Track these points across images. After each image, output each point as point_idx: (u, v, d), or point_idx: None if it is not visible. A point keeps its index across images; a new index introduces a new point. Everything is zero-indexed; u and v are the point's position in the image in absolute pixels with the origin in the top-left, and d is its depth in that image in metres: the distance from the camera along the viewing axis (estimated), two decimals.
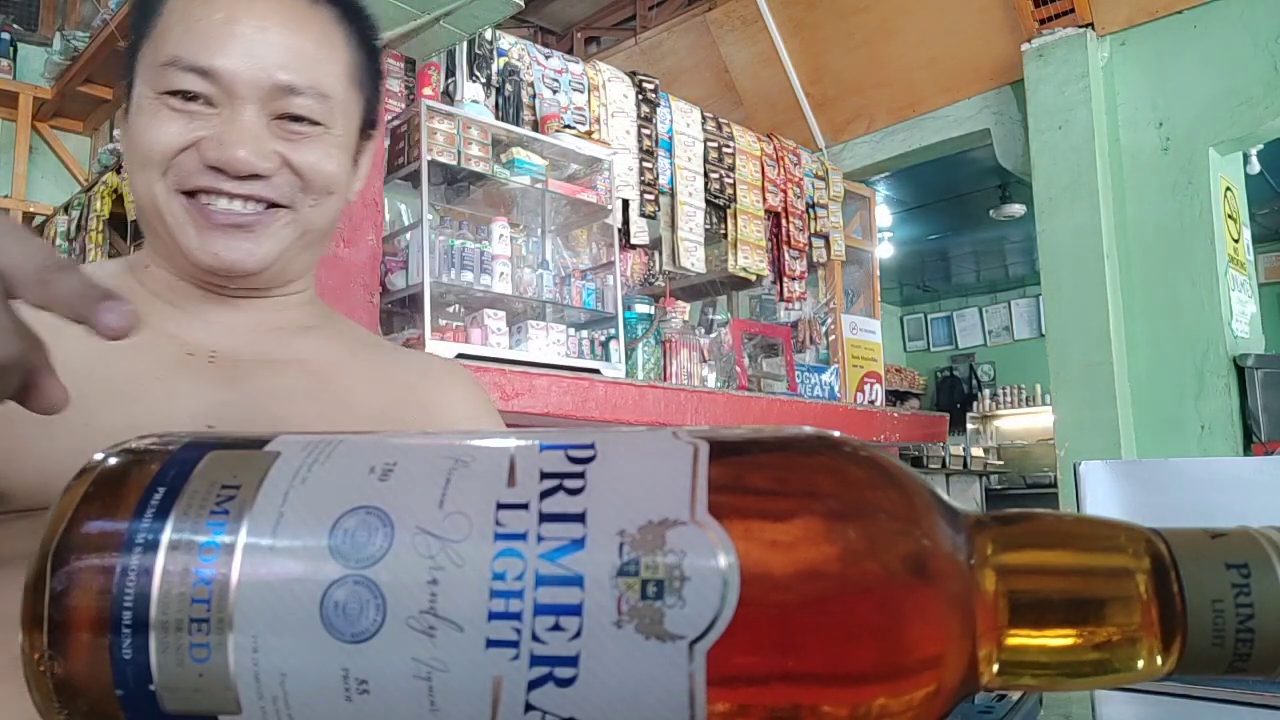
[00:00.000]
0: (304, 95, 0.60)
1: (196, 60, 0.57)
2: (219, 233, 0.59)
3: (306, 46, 0.60)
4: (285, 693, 0.24)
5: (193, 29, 0.58)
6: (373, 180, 2.70)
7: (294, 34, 0.60)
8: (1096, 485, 0.95)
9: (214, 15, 0.58)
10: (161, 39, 0.59)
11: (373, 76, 0.68)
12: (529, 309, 3.21)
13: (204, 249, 0.59)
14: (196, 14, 0.58)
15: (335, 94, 0.62)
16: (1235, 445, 3.56)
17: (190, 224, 0.59)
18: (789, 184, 4.28)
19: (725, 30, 4.91)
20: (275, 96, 0.59)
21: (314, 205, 0.62)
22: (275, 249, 0.61)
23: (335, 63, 0.62)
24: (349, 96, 0.64)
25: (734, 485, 0.25)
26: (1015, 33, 4.14)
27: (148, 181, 0.59)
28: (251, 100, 0.58)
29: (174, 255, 0.62)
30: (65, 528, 0.26)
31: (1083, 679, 0.25)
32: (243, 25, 0.58)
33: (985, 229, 7.91)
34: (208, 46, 0.57)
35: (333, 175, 0.62)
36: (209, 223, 0.59)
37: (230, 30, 0.58)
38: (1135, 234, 3.86)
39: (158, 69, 0.58)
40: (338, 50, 0.62)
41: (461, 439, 0.28)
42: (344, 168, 0.64)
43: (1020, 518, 0.27)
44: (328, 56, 0.61)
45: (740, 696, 0.23)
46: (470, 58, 3.16)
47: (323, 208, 0.63)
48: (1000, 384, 9.38)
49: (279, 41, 0.59)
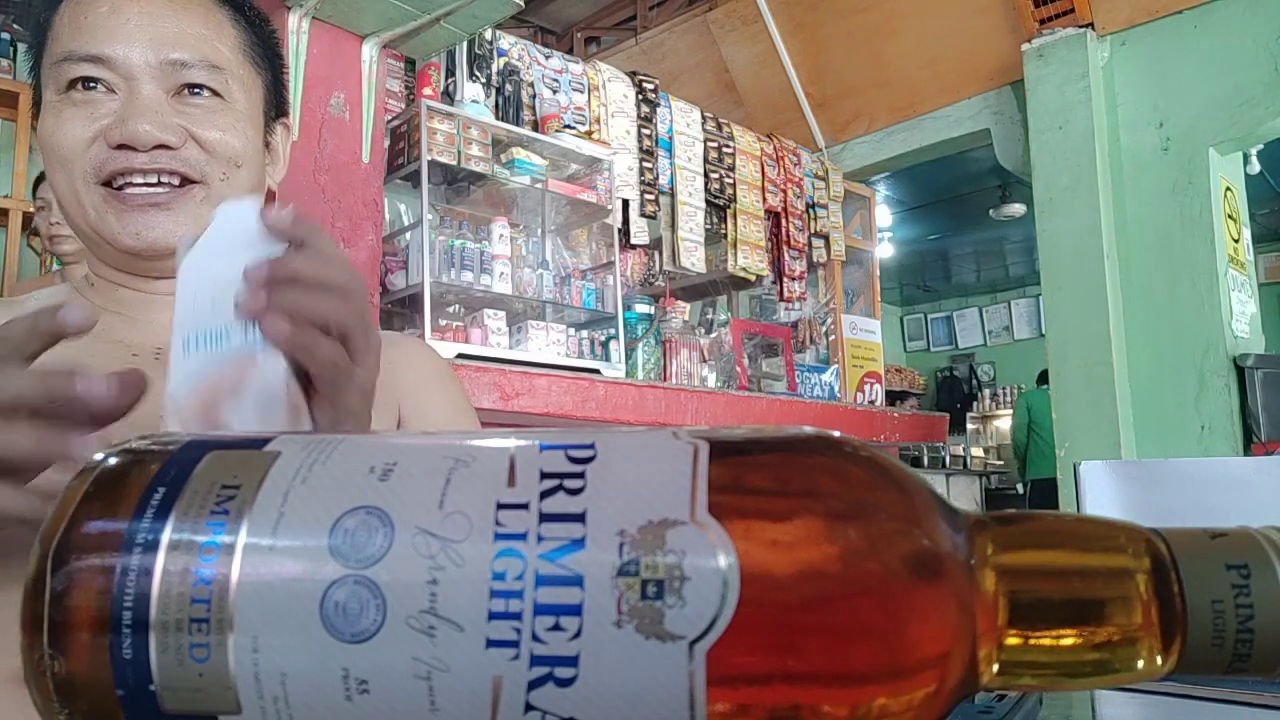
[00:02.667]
0: (195, 68, 0.63)
1: (88, 50, 0.61)
2: (137, 213, 0.62)
3: (193, 25, 0.63)
4: (285, 692, 0.24)
5: (81, 26, 0.61)
6: (372, 180, 2.70)
7: (179, 16, 0.63)
8: (1096, 485, 0.95)
9: (99, 9, 0.62)
10: (55, 42, 0.62)
11: (269, 57, 0.71)
12: (529, 309, 3.21)
13: (125, 231, 0.62)
14: (82, 13, 0.62)
15: (228, 65, 0.65)
16: (1235, 445, 3.56)
17: (110, 211, 0.62)
18: (789, 184, 4.28)
19: (725, 30, 4.91)
20: (169, 73, 0.62)
21: (224, 179, 0.65)
22: (194, 224, 0.63)
23: (223, 38, 0.65)
24: (245, 71, 0.67)
25: (734, 485, 0.25)
26: (1015, 33, 4.14)
27: (68, 180, 0.62)
28: (147, 79, 0.62)
29: (103, 250, 0.65)
30: (65, 527, 0.26)
31: (1083, 679, 0.25)
32: (128, 14, 0.61)
33: (985, 229, 7.91)
34: (96, 37, 0.61)
35: (239, 148, 0.65)
36: (127, 205, 0.62)
37: (117, 20, 0.61)
38: (1135, 234, 3.86)
39: (54, 68, 0.62)
40: (224, 27, 0.66)
41: (461, 439, 0.28)
42: (252, 143, 0.67)
43: (1020, 518, 0.27)
44: (215, 34, 0.65)
45: (740, 696, 0.23)
46: (470, 58, 3.16)
47: (233, 182, 0.65)
48: (1000, 384, 9.39)
49: (165, 25, 0.62)
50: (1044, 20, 4.01)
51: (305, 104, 2.49)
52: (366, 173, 2.67)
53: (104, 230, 0.62)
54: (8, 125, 3.96)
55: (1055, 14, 3.98)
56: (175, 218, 0.62)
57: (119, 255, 0.64)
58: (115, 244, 0.63)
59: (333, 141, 2.56)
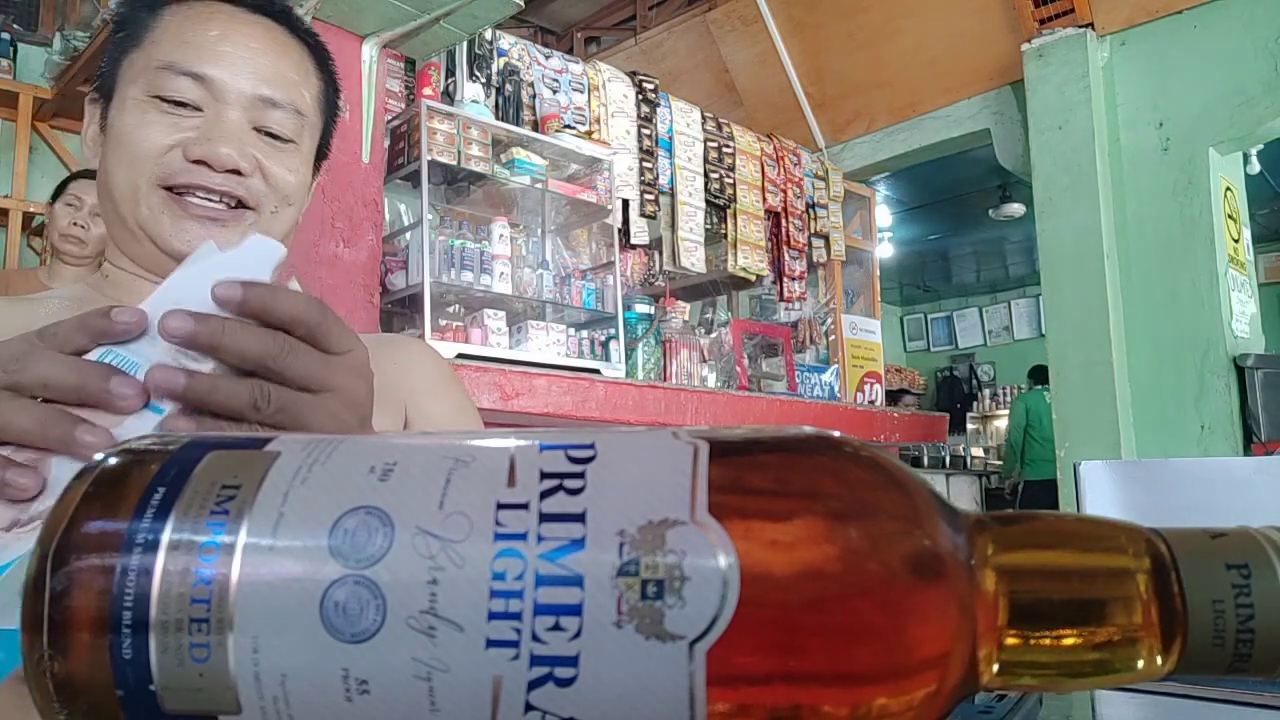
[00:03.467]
0: (282, 109, 0.67)
1: (191, 67, 0.63)
2: (194, 222, 0.64)
3: (287, 70, 0.68)
4: (285, 693, 0.24)
5: (189, 41, 0.64)
6: (372, 180, 2.70)
7: (278, 58, 0.67)
8: (1096, 485, 0.95)
9: (209, 32, 0.65)
10: (154, 47, 0.65)
11: (332, 109, 0.76)
12: (529, 309, 3.21)
13: (177, 235, 0.64)
14: (191, 29, 0.65)
15: (308, 113, 0.70)
16: (1235, 445, 3.56)
17: (166, 214, 0.64)
18: (789, 184, 4.28)
19: (725, 30, 4.91)
20: (257, 107, 0.66)
21: (274, 213, 0.68)
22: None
23: (309, 87, 0.70)
24: (316, 120, 0.72)
25: (734, 485, 0.25)
26: (1015, 33, 4.14)
27: (131, 177, 0.64)
28: (236, 106, 0.65)
29: (141, 247, 0.66)
30: (65, 527, 0.26)
31: (1083, 679, 0.25)
32: (234, 44, 0.65)
33: (985, 229, 7.91)
34: (202, 57, 0.64)
35: (296, 187, 0.70)
36: (185, 213, 0.64)
37: (225, 46, 0.65)
38: (1135, 234, 3.86)
39: (152, 71, 0.64)
40: (310, 77, 0.71)
41: (461, 439, 0.28)
42: (304, 183, 0.71)
43: (1020, 518, 0.27)
44: (303, 81, 0.69)
45: (740, 696, 0.23)
46: (470, 58, 3.16)
47: (281, 217, 0.69)
48: (1000, 384, 9.39)
49: (265, 62, 0.66)
50: (1044, 20, 4.01)
51: None
52: (366, 173, 2.68)
53: (155, 229, 0.64)
54: (8, 125, 3.96)
55: (1055, 14, 3.98)
56: (225, 235, 0.65)
57: (155, 255, 0.66)
58: (162, 244, 0.64)
59: (333, 141, 2.56)
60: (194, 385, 0.39)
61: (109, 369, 0.39)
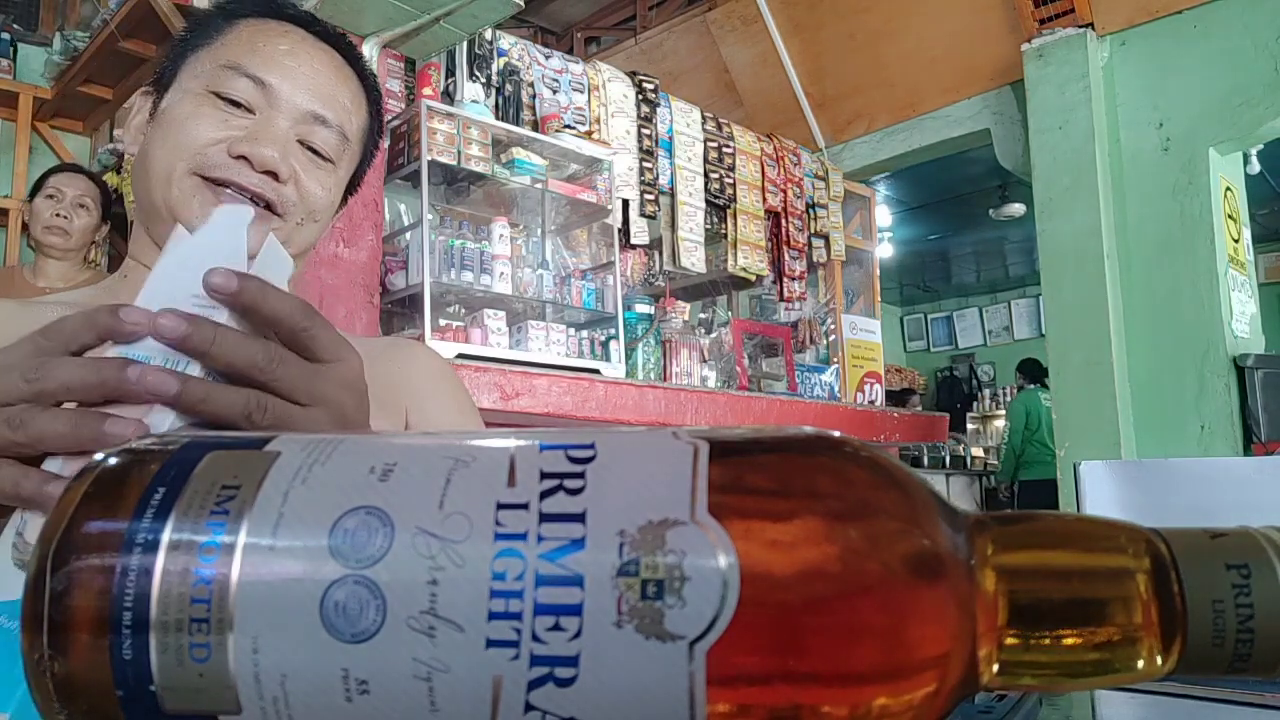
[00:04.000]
0: (329, 129, 0.70)
1: (255, 71, 0.67)
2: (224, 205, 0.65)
3: (342, 95, 0.72)
4: (285, 693, 0.24)
5: (258, 49, 0.68)
6: (372, 180, 2.70)
7: (337, 84, 0.71)
8: (1096, 485, 0.95)
9: (279, 45, 0.69)
10: (223, 49, 0.68)
11: (372, 146, 0.78)
12: (529, 309, 3.21)
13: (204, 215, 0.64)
14: (264, 39, 0.69)
15: (352, 138, 0.73)
16: (1235, 445, 3.56)
17: (197, 196, 0.65)
18: (789, 184, 4.28)
19: (725, 30, 4.91)
20: (307, 122, 0.69)
21: (300, 225, 0.70)
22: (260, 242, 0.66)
23: (358, 117, 0.74)
24: (357, 149, 0.75)
25: (734, 485, 0.25)
26: (1015, 33, 4.14)
27: (169, 161, 0.65)
28: (288, 117, 0.68)
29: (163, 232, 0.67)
30: (65, 527, 0.26)
31: (1083, 679, 0.25)
32: (300, 60, 0.69)
33: (985, 229, 7.91)
34: (268, 64, 0.67)
35: (326, 206, 0.71)
36: (216, 196, 0.65)
37: (291, 61, 0.68)
38: (1135, 234, 3.86)
39: (216, 69, 0.67)
40: (360, 108, 0.74)
41: (461, 439, 0.28)
42: (332, 208, 0.73)
43: (1020, 518, 0.27)
44: (354, 109, 0.73)
45: (740, 696, 0.23)
46: (470, 58, 3.16)
47: (305, 231, 0.71)
48: (1000, 384, 9.39)
49: (324, 83, 0.70)
50: (1044, 20, 4.01)
51: None
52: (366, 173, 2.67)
53: (183, 211, 0.65)
54: (8, 125, 3.96)
55: (1055, 14, 3.98)
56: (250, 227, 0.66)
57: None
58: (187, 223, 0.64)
59: None
60: (187, 392, 0.39)
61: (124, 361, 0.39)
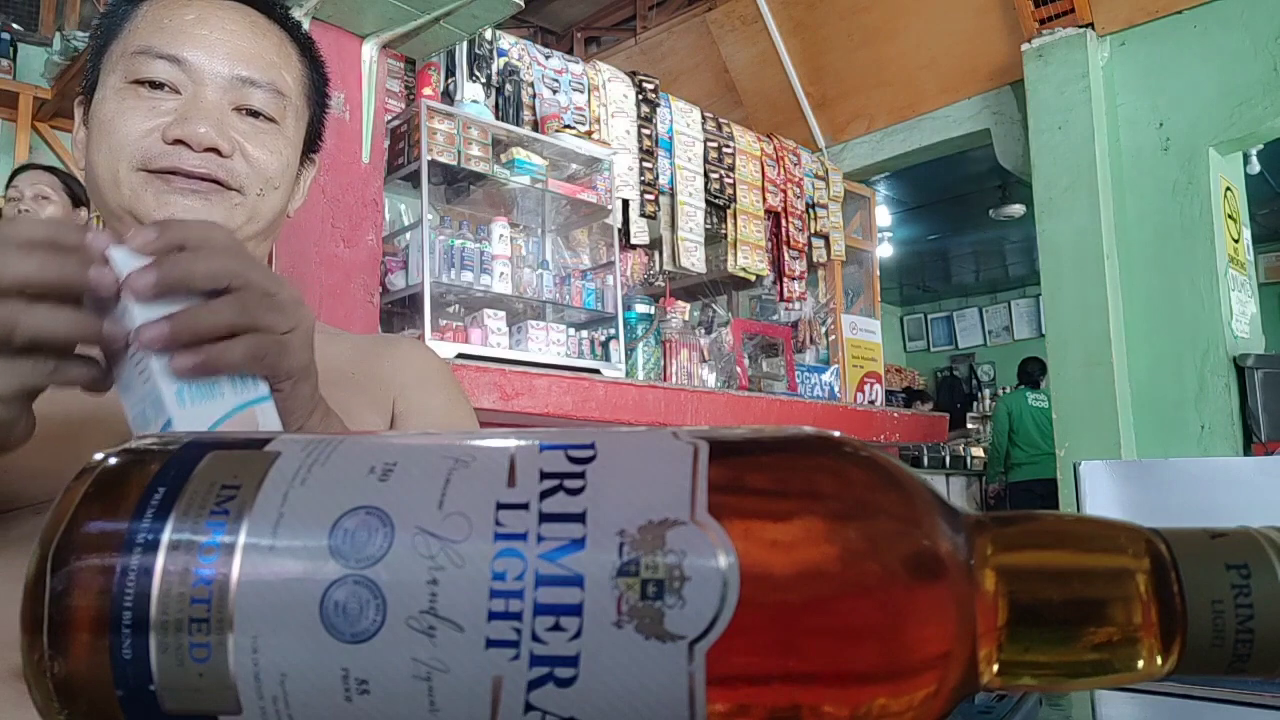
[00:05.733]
0: (262, 89, 0.66)
1: (167, 49, 0.63)
2: (176, 194, 0.64)
3: (267, 50, 0.68)
4: (285, 693, 0.24)
5: (165, 27, 0.64)
6: (372, 180, 2.70)
7: (256, 40, 0.67)
8: (1096, 485, 0.95)
9: (185, 16, 0.65)
10: (133, 35, 0.65)
11: (319, 100, 0.75)
12: (529, 309, 3.21)
13: (161, 210, 0.64)
14: (168, 15, 0.65)
15: (289, 94, 0.69)
16: (1235, 445, 3.56)
17: (149, 190, 0.64)
18: (789, 184, 4.27)
19: (725, 30, 4.91)
20: (236, 87, 0.65)
21: (260, 194, 0.67)
22: (225, 221, 0.65)
23: (289, 69, 0.70)
24: (300, 103, 0.71)
25: (734, 485, 0.25)
26: (1015, 33, 4.14)
27: (111, 162, 0.64)
28: (214, 88, 0.64)
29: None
30: (65, 527, 0.26)
31: (1083, 679, 0.25)
32: (211, 26, 0.65)
33: (985, 229, 7.91)
34: (178, 40, 0.64)
35: (280, 170, 0.69)
36: (168, 186, 0.64)
37: (201, 29, 0.65)
38: (1135, 234, 3.85)
39: (129, 57, 0.64)
40: (292, 60, 0.70)
41: (461, 439, 0.28)
42: (290, 168, 0.70)
43: (1020, 518, 0.27)
44: (284, 63, 0.69)
45: (740, 696, 0.23)
46: (470, 58, 3.16)
47: (268, 200, 0.68)
48: (1000, 384, 9.38)
49: (243, 44, 0.66)
50: (1044, 20, 4.01)
51: None
52: (366, 173, 2.67)
53: (138, 208, 0.63)
54: (8, 125, 3.96)
55: (1055, 14, 3.98)
56: (210, 207, 0.64)
57: None
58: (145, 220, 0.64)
59: (333, 141, 2.56)
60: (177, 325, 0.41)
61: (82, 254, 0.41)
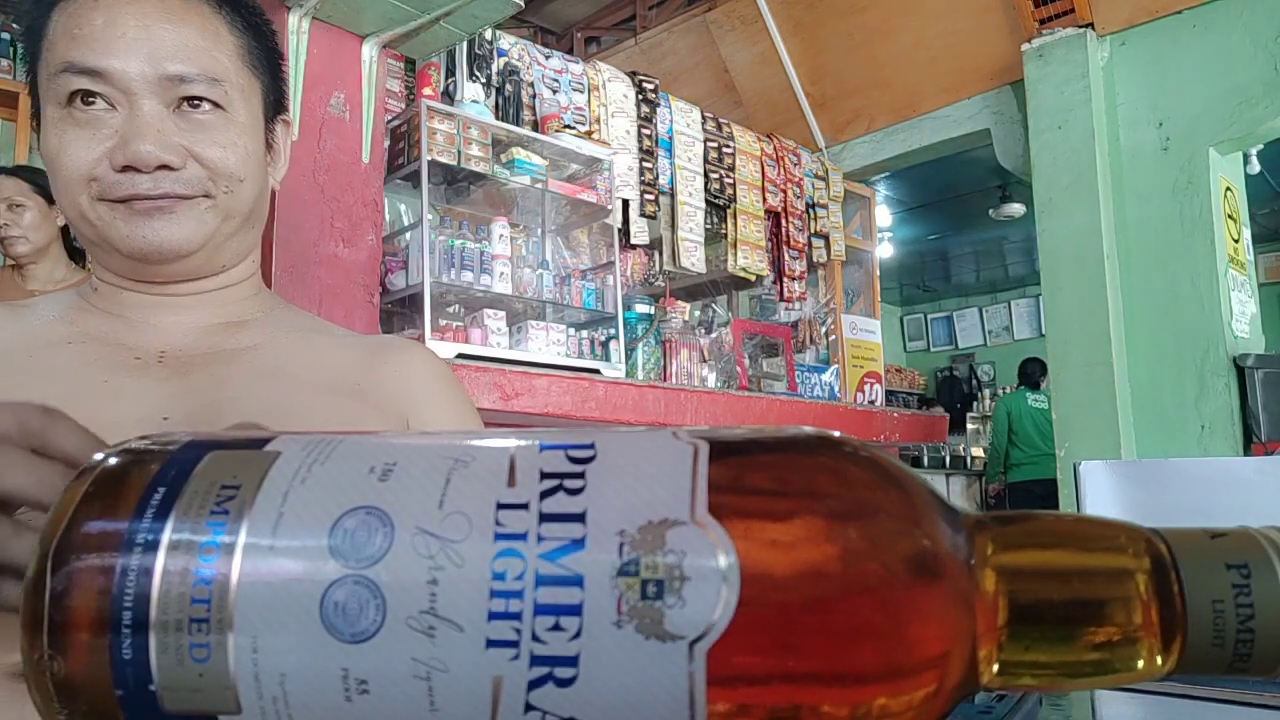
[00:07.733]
0: (196, 81, 0.62)
1: (85, 62, 0.59)
2: (143, 218, 0.61)
3: (190, 35, 0.62)
4: (285, 692, 0.24)
5: (76, 36, 0.59)
6: (372, 180, 2.70)
7: (177, 27, 0.62)
8: (1096, 485, 0.95)
9: (95, 20, 0.60)
10: (51, 51, 0.61)
11: (269, 58, 0.69)
12: (529, 309, 3.21)
13: (133, 235, 0.62)
14: (78, 22, 0.60)
15: (227, 77, 0.64)
16: (1235, 445, 3.56)
17: (118, 218, 0.61)
18: (789, 184, 4.28)
19: (725, 30, 4.91)
20: (169, 87, 0.61)
21: (229, 192, 0.64)
22: (199, 230, 0.63)
23: (221, 47, 0.64)
24: (244, 79, 0.66)
25: (734, 485, 0.25)
26: (1015, 33, 4.14)
27: (72, 202, 0.62)
28: (146, 95, 0.60)
29: (110, 257, 0.65)
30: (65, 528, 0.26)
31: (1083, 679, 0.25)
32: (125, 26, 0.60)
33: (985, 229, 7.91)
34: (93, 50, 0.59)
35: (238, 164, 0.65)
36: (133, 211, 0.61)
37: (113, 32, 0.60)
38: (1135, 234, 3.86)
39: (54, 79, 0.60)
40: (222, 35, 0.64)
41: (461, 439, 0.28)
42: (252, 154, 0.66)
43: (1020, 518, 0.27)
44: (212, 43, 0.63)
45: (740, 696, 0.23)
46: (470, 58, 3.16)
47: (239, 194, 0.65)
48: (1000, 384, 9.38)
49: (163, 37, 0.61)
50: (1044, 20, 4.01)
51: (305, 104, 2.49)
52: (366, 173, 2.68)
53: (111, 236, 0.62)
54: (8, 125, 3.96)
55: (1055, 14, 3.98)
56: (180, 221, 0.62)
57: (124, 261, 0.64)
58: (123, 248, 0.62)
59: (333, 141, 2.56)
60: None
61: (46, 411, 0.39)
